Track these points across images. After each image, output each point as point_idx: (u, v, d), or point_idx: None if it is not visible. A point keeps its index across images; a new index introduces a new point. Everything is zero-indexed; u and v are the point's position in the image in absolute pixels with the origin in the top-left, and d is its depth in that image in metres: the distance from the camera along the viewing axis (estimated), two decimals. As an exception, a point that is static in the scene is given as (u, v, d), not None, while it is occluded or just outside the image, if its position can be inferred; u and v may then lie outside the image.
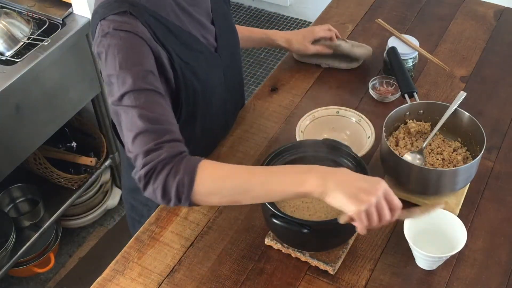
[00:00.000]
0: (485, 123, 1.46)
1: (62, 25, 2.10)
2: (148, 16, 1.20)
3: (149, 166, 1.10)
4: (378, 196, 1.04)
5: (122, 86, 1.14)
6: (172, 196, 1.11)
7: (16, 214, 2.37)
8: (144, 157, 1.11)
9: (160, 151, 1.11)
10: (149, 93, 1.15)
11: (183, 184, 1.09)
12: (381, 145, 1.43)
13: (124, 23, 1.16)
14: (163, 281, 1.27)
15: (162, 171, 1.10)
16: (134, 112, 1.13)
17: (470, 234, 1.29)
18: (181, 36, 1.28)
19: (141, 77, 1.14)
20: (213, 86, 1.38)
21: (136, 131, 1.13)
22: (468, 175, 1.35)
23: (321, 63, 1.78)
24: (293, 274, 1.27)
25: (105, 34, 1.16)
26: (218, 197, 1.13)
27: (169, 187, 1.10)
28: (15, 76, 1.92)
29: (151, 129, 1.13)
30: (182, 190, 1.10)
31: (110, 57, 1.15)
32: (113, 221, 2.65)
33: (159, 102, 1.16)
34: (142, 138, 1.12)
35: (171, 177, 1.10)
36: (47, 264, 2.35)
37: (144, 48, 1.17)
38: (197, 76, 1.32)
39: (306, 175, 1.08)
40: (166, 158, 1.11)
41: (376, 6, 2.03)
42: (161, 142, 1.12)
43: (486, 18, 1.96)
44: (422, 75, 1.75)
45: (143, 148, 1.12)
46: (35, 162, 2.29)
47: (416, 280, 1.25)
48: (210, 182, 1.11)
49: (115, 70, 1.14)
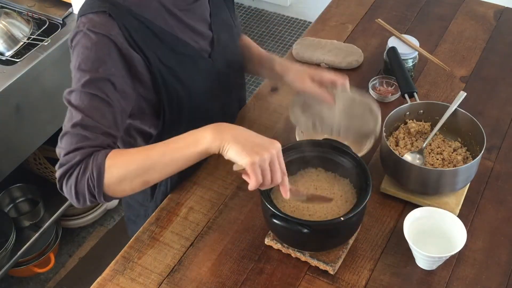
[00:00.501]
0: (485, 123, 1.46)
1: (62, 25, 2.10)
2: (130, 18, 1.21)
3: (64, 168, 1.14)
4: (272, 153, 1.08)
5: (74, 83, 1.18)
6: (86, 193, 1.14)
7: (16, 214, 2.37)
8: (63, 156, 1.15)
9: (75, 153, 1.14)
10: (94, 99, 1.17)
11: (92, 178, 1.12)
12: (381, 145, 1.43)
13: (99, 24, 1.18)
14: (163, 281, 1.27)
15: (74, 172, 1.14)
16: (73, 112, 1.17)
17: (470, 234, 1.29)
18: (166, 39, 1.27)
19: (93, 82, 1.17)
20: (201, 91, 1.38)
21: (66, 130, 1.17)
22: (468, 175, 1.35)
23: (321, 63, 1.78)
24: (293, 274, 1.27)
25: (79, 31, 1.19)
26: (128, 182, 1.14)
27: (81, 185, 1.13)
28: (15, 76, 1.92)
29: (79, 134, 1.15)
30: (93, 184, 1.12)
31: (75, 54, 1.20)
32: (113, 221, 2.65)
33: (100, 109, 1.17)
34: (68, 138, 1.16)
35: (81, 175, 1.13)
36: (47, 264, 2.35)
37: (111, 54, 1.19)
38: (180, 81, 1.31)
39: (201, 132, 1.10)
40: (79, 161, 1.14)
41: (376, 6, 2.04)
42: (82, 147, 1.15)
43: (486, 18, 1.96)
44: (422, 75, 1.75)
45: (65, 149, 1.15)
46: (35, 162, 2.29)
47: (416, 280, 1.25)
48: (116, 169, 1.13)
49: (74, 67, 1.19)
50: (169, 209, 1.41)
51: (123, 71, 1.21)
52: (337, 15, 2.00)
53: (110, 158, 1.13)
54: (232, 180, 1.46)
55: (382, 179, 1.41)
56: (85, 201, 1.16)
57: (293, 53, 1.82)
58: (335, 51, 1.78)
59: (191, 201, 1.42)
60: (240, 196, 1.43)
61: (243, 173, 1.10)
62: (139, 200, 1.56)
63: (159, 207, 1.42)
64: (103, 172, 1.12)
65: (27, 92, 1.98)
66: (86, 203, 1.16)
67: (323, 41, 1.83)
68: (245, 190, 1.44)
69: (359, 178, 1.26)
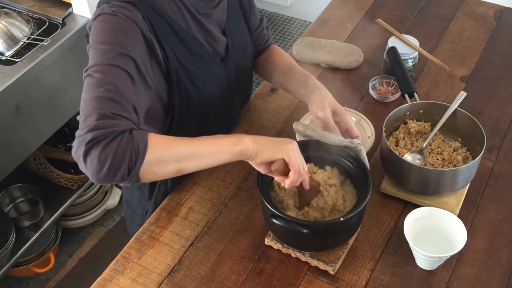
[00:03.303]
0: (485, 123, 1.46)
1: (62, 25, 2.10)
2: (153, 13, 1.21)
3: (99, 131, 1.06)
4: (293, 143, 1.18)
5: (94, 58, 1.14)
6: (123, 165, 1.07)
7: (16, 214, 2.37)
8: (97, 119, 1.07)
9: (116, 121, 1.08)
10: (119, 71, 1.13)
11: (137, 151, 1.08)
12: (381, 145, 1.43)
13: (125, 9, 1.17)
14: (163, 281, 1.27)
15: (114, 140, 1.07)
16: (98, 77, 1.11)
17: (470, 234, 1.29)
18: (185, 38, 1.28)
19: (117, 56, 1.13)
20: (210, 94, 1.38)
21: (95, 95, 1.09)
22: (468, 175, 1.35)
23: (321, 63, 1.78)
24: (293, 274, 1.27)
25: (103, 13, 1.17)
26: (166, 164, 1.12)
27: (121, 155, 1.06)
28: (15, 76, 1.92)
29: (112, 98, 1.09)
30: (136, 156, 1.08)
31: (98, 29, 1.16)
32: (113, 221, 2.65)
33: (125, 81, 1.13)
34: (99, 101, 1.09)
35: (125, 144, 1.07)
36: (47, 264, 2.35)
37: (135, 34, 1.17)
38: (193, 81, 1.32)
39: (241, 136, 1.17)
40: (119, 131, 1.08)
41: (376, 6, 2.04)
42: (119, 115, 1.09)
43: (486, 18, 1.96)
44: (422, 75, 1.75)
45: (98, 111, 1.08)
46: (35, 162, 2.29)
47: (416, 280, 1.25)
48: (158, 148, 1.11)
49: (95, 42, 1.15)
50: (169, 209, 1.41)
51: (148, 57, 1.20)
52: (337, 15, 2.00)
53: (153, 138, 1.11)
54: (232, 180, 1.46)
55: (382, 179, 1.41)
56: (115, 175, 1.07)
57: (293, 53, 1.82)
58: (335, 51, 1.78)
59: (191, 201, 1.42)
60: (240, 196, 1.43)
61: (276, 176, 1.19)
62: (137, 199, 1.56)
63: (159, 207, 1.42)
64: (147, 148, 1.09)
65: (27, 92, 1.98)
66: (115, 177, 1.08)
67: (323, 41, 1.83)
68: (245, 190, 1.44)
69: (359, 178, 1.26)
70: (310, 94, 1.39)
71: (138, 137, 1.09)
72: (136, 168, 1.09)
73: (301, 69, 1.49)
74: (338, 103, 1.38)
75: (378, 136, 1.47)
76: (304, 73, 1.46)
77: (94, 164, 1.06)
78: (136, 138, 1.09)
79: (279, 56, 1.55)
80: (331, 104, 1.36)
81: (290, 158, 1.15)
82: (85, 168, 1.08)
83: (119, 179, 1.09)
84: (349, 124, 1.36)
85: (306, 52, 1.80)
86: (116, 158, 1.06)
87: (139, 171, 1.10)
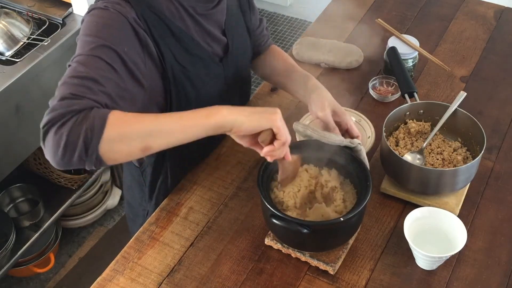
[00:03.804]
0: (485, 123, 1.46)
1: (62, 25, 2.10)
2: (149, 12, 1.21)
3: (56, 113, 1.03)
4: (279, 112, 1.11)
5: (78, 49, 1.13)
6: (78, 144, 1.01)
7: (16, 214, 2.37)
8: (57, 101, 1.04)
9: (76, 101, 1.04)
10: (97, 60, 1.10)
11: (92, 128, 1.02)
12: (381, 145, 1.43)
13: (118, 4, 1.17)
14: (163, 281, 1.27)
15: (71, 119, 1.02)
16: (74, 66, 1.09)
17: (470, 234, 1.29)
18: (183, 39, 1.28)
19: (98, 47, 1.11)
20: (209, 94, 1.38)
21: (65, 80, 1.08)
22: (468, 175, 1.35)
23: (321, 63, 1.78)
24: (293, 274, 1.27)
25: (96, 8, 1.17)
26: (128, 141, 1.05)
27: (75, 134, 1.01)
28: (15, 76, 1.92)
29: (80, 84, 1.06)
30: (91, 134, 1.02)
31: (88, 23, 1.16)
32: (113, 221, 2.65)
33: (103, 70, 1.10)
34: (65, 86, 1.07)
35: (79, 123, 1.02)
36: (47, 264, 2.35)
37: (123, 29, 1.16)
38: (191, 81, 1.32)
39: (216, 107, 1.09)
40: (77, 110, 1.03)
41: (376, 6, 2.04)
42: (82, 96, 1.05)
43: (486, 18, 1.96)
44: (422, 75, 1.75)
45: (61, 95, 1.05)
46: (35, 162, 2.29)
47: (416, 280, 1.25)
48: (119, 124, 1.04)
49: (83, 34, 1.15)
50: (169, 209, 1.41)
51: (141, 54, 1.19)
52: (337, 15, 2.00)
53: (114, 114, 1.05)
54: (232, 180, 1.46)
55: (382, 179, 1.41)
56: (72, 155, 1.02)
57: (293, 53, 1.82)
58: (335, 51, 1.78)
59: (191, 201, 1.42)
60: (240, 196, 1.43)
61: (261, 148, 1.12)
62: (138, 200, 1.56)
63: (159, 207, 1.42)
64: (105, 124, 1.02)
65: (27, 92, 1.98)
66: (73, 159, 1.03)
67: (323, 41, 1.83)
68: (245, 190, 1.44)
69: (359, 178, 1.26)
70: (310, 95, 1.39)
71: (96, 114, 1.03)
72: (93, 146, 1.02)
73: (301, 69, 1.48)
74: (338, 103, 1.37)
75: (378, 136, 1.47)
76: (304, 73, 1.46)
77: (50, 146, 1.03)
78: (93, 115, 1.03)
79: (278, 57, 1.55)
80: (331, 104, 1.36)
81: (279, 127, 1.09)
82: (46, 153, 1.05)
83: (77, 160, 1.03)
84: (349, 124, 1.36)
85: (306, 52, 1.80)
86: (71, 137, 1.01)
87: (97, 149, 1.02)
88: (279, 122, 1.10)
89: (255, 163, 1.50)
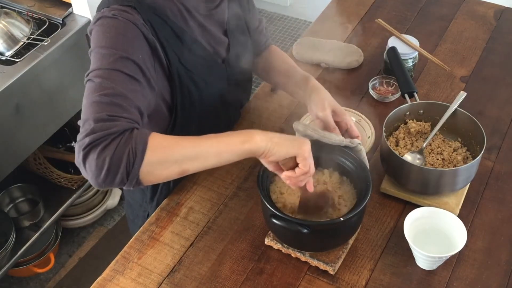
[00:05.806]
0: (485, 123, 1.46)
1: (62, 25, 2.10)
2: (153, 15, 1.21)
3: (97, 135, 1.03)
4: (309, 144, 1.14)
5: (95, 62, 1.13)
6: (121, 167, 1.03)
7: (16, 214, 2.37)
8: (94, 123, 1.05)
9: (114, 123, 1.05)
10: (119, 74, 1.11)
11: (134, 152, 1.04)
12: (381, 145, 1.43)
13: (125, 12, 1.17)
14: (163, 281, 1.27)
15: (112, 142, 1.04)
16: (98, 81, 1.09)
17: (470, 234, 1.29)
18: (186, 40, 1.28)
19: (117, 59, 1.12)
20: (212, 95, 1.38)
21: (93, 99, 1.08)
22: (468, 175, 1.35)
23: (321, 63, 1.78)
24: (293, 274, 1.27)
25: (103, 17, 1.17)
26: (168, 166, 1.07)
27: (118, 157, 1.03)
28: (15, 76, 1.92)
29: (111, 102, 1.07)
30: (134, 158, 1.04)
31: (99, 34, 1.15)
32: (113, 221, 2.65)
33: (127, 84, 1.11)
34: (96, 106, 1.07)
35: (122, 146, 1.04)
36: (47, 264, 2.35)
37: (136, 37, 1.17)
38: (195, 83, 1.32)
39: (251, 133, 1.12)
40: (118, 132, 1.05)
41: (376, 6, 2.04)
42: (118, 116, 1.07)
43: (486, 18, 1.96)
44: (422, 75, 1.75)
45: (96, 115, 1.05)
46: (35, 162, 2.29)
47: (416, 280, 1.25)
48: (160, 149, 1.07)
49: (96, 46, 1.14)
50: (169, 209, 1.41)
51: (151, 59, 1.19)
52: (337, 15, 2.00)
53: (154, 138, 1.07)
54: (232, 180, 1.47)
55: (382, 179, 1.41)
56: (114, 178, 1.04)
57: (293, 53, 1.82)
58: (335, 51, 1.78)
59: (191, 201, 1.42)
60: (240, 196, 1.43)
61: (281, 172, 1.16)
62: (139, 201, 1.56)
63: (159, 207, 1.42)
64: (145, 149, 1.04)
65: (27, 92, 1.98)
66: (114, 181, 1.05)
67: (323, 41, 1.83)
68: (245, 190, 1.44)
69: (359, 178, 1.26)
70: (309, 95, 1.38)
71: (137, 137, 1.05)
72: (135, 170, 1.05)
73: (300, 70, 1.48)
74: (338, 103, 1.37)
75: (378, 136, 1.47)
76: (304, 74, 1.45)
77: (92, 169, 1.04)
78: (135, 139, 1.05)
79: (278, 57, 1.55)
80: (331, 104, 1.36)
81: (305, 158, 1.12)
82: (86, 174, 1.07)
83: (118, 182, 1.05)
84: (349, 124, 1.36)
85: (306, 52, 1.80)
86: (114, 160, 1.03)
87: (138, 173, 1.05)
88: (307, 153, 1.13)
89: (255, 163, 1.50)
